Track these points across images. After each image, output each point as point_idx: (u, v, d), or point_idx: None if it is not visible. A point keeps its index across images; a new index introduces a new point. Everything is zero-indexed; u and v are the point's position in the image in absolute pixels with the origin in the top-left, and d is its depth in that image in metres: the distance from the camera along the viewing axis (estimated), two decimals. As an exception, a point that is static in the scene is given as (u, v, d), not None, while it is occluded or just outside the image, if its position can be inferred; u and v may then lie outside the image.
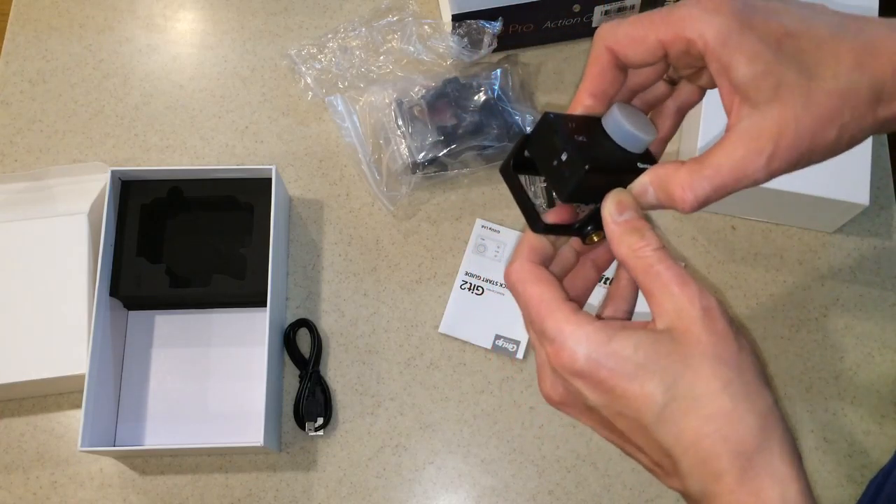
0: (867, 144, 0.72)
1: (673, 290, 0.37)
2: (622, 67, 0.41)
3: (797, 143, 0.36)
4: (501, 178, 0.44)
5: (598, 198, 0.40)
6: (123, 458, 0.71)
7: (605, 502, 0.70)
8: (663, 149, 0.46)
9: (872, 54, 0.37)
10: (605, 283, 0.74)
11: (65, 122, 0.82)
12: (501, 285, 0.74)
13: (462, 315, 0.75)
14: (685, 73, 0.43)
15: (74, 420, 0.72)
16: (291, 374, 0.73)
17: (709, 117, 0.74)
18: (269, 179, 0.72)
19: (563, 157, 0.39)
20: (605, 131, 0.40)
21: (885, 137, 0.81)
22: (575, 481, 0.70)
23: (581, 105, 0.42)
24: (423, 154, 0.76)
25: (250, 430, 0.66)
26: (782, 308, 0.76)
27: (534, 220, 0.40)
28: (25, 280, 0.72)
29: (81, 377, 0.66)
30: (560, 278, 0.42)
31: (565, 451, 0.71)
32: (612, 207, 0.39)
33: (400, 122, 0.77)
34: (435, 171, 0.78)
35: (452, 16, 0.77)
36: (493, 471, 0.71)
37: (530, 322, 0.40)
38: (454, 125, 0.76)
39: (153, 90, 0.84)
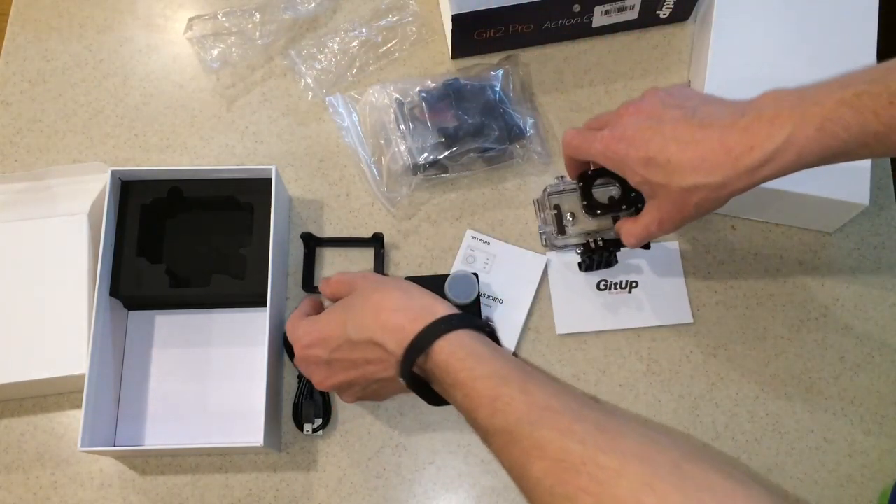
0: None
1: (345, 281, 0.65)
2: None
3: (670, 217, 0.61)
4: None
5: None
6: (123, 458, 0.71)
7: (605, 502, 0.70)
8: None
9: (706, 161, 0.57)
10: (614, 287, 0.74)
11: (65, 122, 0.82)
12: (488, 297, 0.74)
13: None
14: None
15: (74, 420, 0.72)
16: (291, 375, 0.73)
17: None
18: (269, 179, 0.72)
19: None
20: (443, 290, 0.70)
21: (885, 137, 0.81)
22: (575, 481, 0.70)
23: (571, 176, 0.71)
24: (424, 155, 0.75)
25: (250, 430, 0.66)
26: (782, 308, 0.76)
27: (307, 284, 0.73)
28: (25, 280, 0.72)
29: (81, 377, 0.66)
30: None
31: (565, 451, 0.71)
32: (321, 283, 0.68)
33: (401, 124, 0.77)
34: (435, 174, 0.77)
35: (453, 16, 0.77)
36: (493, 471, 0.71)
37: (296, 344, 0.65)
38: (455, 126, 0.76)
39: (153, 90, 0.84)
